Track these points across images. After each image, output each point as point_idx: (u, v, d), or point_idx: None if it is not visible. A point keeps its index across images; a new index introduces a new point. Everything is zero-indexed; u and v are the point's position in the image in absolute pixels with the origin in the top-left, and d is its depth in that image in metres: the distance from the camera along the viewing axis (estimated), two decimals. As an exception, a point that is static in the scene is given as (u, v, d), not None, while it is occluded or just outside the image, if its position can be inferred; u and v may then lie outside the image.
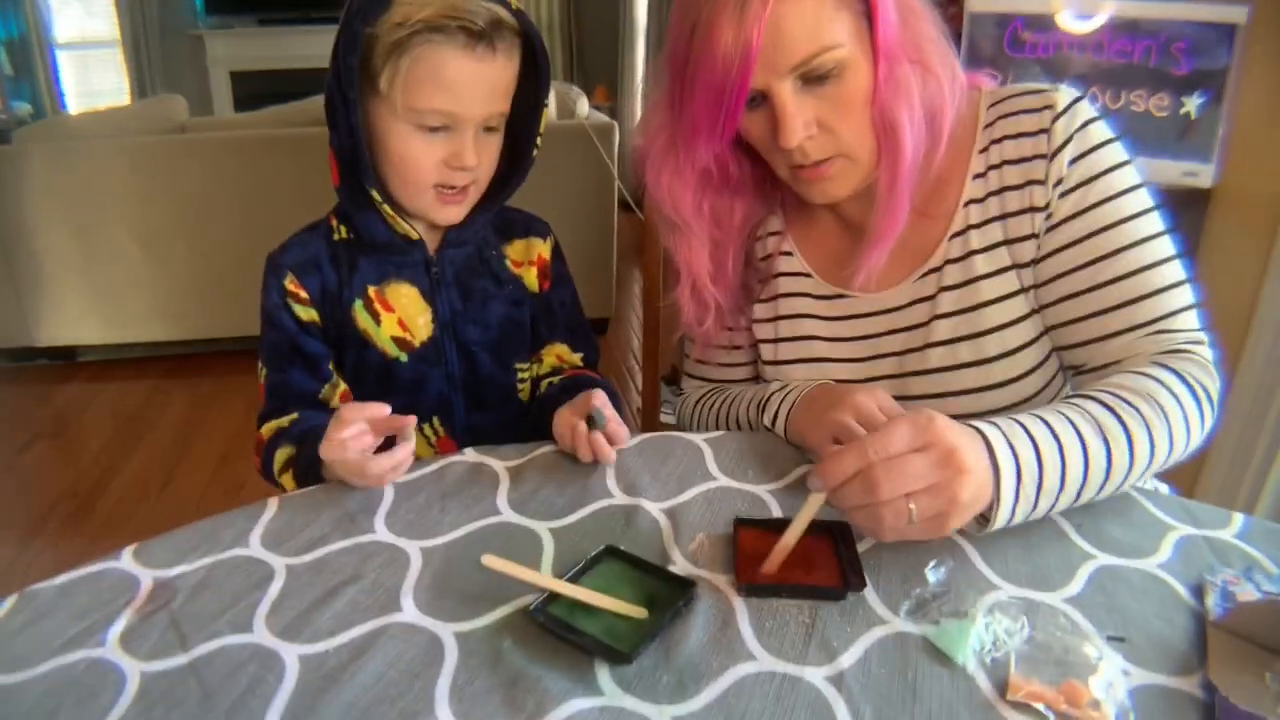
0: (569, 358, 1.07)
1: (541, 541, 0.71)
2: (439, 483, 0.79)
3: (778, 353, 1.00)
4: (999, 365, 0.87)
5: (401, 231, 0.93)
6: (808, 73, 0.79)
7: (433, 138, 0.87)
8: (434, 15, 0.81)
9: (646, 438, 0.88)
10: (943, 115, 0.84)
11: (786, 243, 1.01)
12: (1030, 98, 0.86)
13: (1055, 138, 0.83)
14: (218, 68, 6.88)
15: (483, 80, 0.85)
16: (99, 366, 3.52)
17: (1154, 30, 1.49)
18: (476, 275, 1.00)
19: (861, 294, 0.95)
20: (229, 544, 0.71)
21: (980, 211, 0.88)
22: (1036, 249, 0.86)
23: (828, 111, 0.81)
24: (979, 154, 0.88)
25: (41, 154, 3.17)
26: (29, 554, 2.24)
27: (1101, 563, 0.69)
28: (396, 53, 0.83)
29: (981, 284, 0.87)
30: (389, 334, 0.96)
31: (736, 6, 0.76)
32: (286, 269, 0.94)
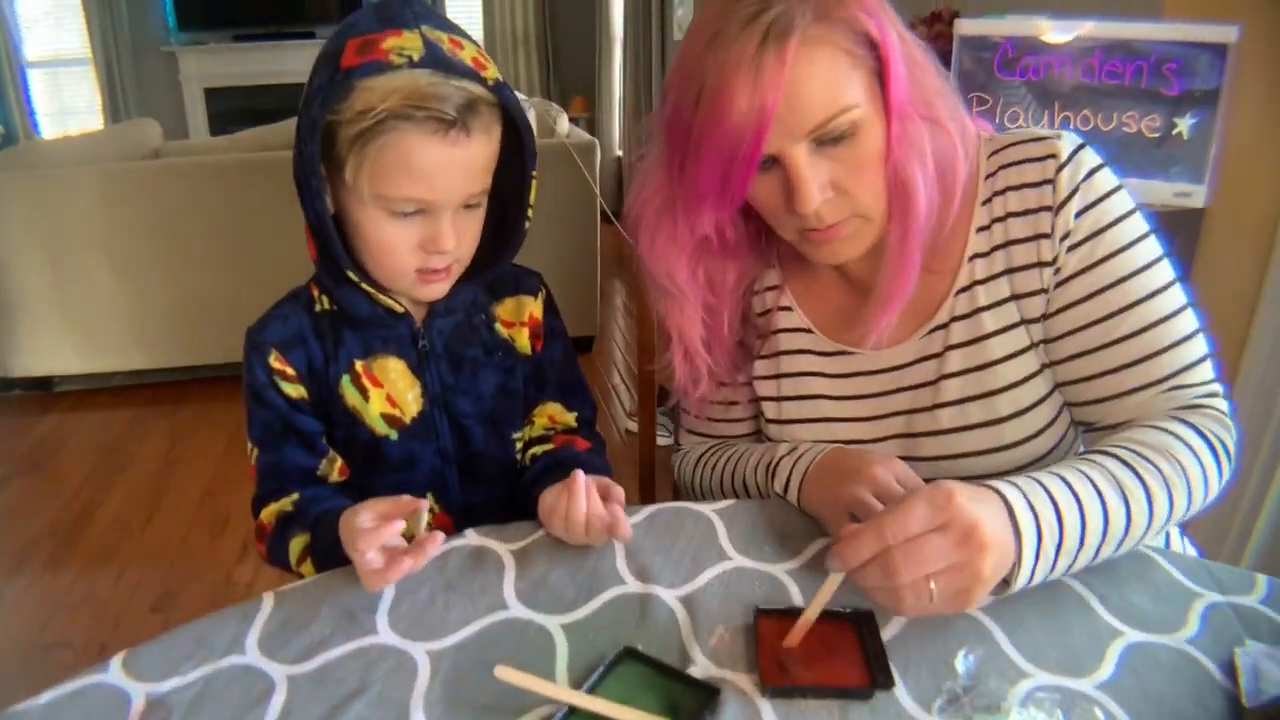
0: (562, 418, 1.03)
1: (554, 641, 0.67)
2: (441, 572, 0.76)
3: (782, 411, 0.96)
4: (1011, 425, 0.85)
5: (385, 305, 0.89)
6: (823, 135, 0.75)
7: (407, 222, 0.81)
8: (399, 104, 0.75)
9: (655, 510, 0.85)
10: (955, 170, 0.81)
11: (785, 297, 0.97)
12: (1032, 145, 0.84)
13: (1060, 189, 0.81)
14: (191, 85, 6.83)
15: (457, 165, 0.79)
16: (77, 396, 3.46)
17: (1145, 51, 1.47)
18: (466, 344, 0.95)
19: (865, 351, 0.92)
20: (224, 650, 0.67)
21: (986, 266, 0.86)
22: (1046, 304, 0.84)
23: (842, 173, 0.78)
24: (981, 205, 0.86)
25: (12, 181, 3.11)
26: (10, 596, 2.19)
27: (1130, 640, 0.67)
28: (360, 142, 0.76)
29: (991, 341, 0.85)
30: (378, 411, 0.92)
31: (750, 69, 0.72)
32: (270, 346, 0.88)
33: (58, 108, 6.84)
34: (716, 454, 1.03)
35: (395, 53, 0.75)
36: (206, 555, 2.33)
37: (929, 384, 0.88)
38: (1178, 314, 0.80)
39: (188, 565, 2.30)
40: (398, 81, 0.75)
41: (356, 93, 0.75)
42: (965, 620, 0.69)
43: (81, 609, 2.13)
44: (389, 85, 0.74)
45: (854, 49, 0.75)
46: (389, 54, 0.75)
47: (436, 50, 0.77)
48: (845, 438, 0.92)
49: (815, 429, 0.94)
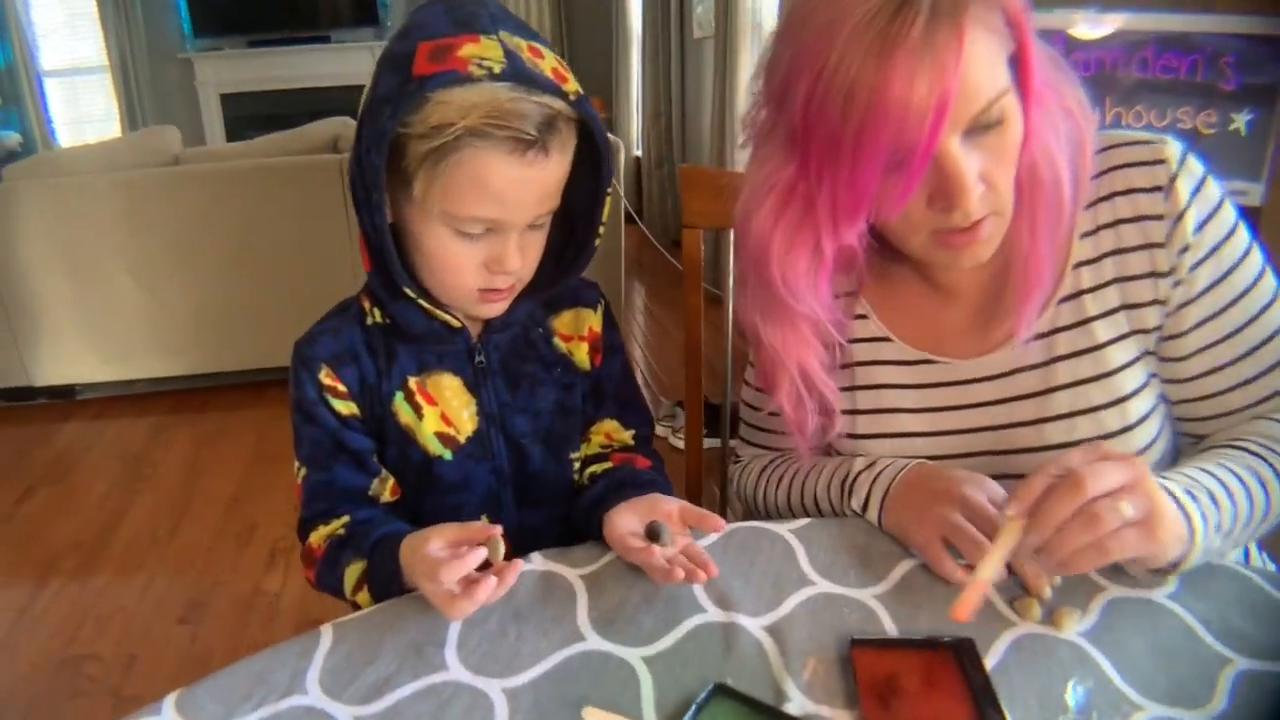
0: (618, 435, 0.98)
1: (638, 675, 0.63)
2: (509, 601, 0.71)
3: (856, 425, 0.91)
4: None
5: (440, 320, 0.84)
6: (977, 123, 0.69)
7: (473, 241, 0.77)
8: (478, 121, 0.69)
9: (730, 531, 0.80)
10: (1085, 158, 0.77)
11: (860, 305, 0.92)
12: (1139, 149, 0.79)
13: (1178, 199, 0.76)
14: (207, 90, 6.86)
15: (532, 185, 0.75)
16: (100, 404, 3.47)
17: (1201, 45, 1.43)
18: (523, 360, 0.90)
19: (952, 360, 0.87)
20: (284, 690, 0.63)
21: (1093, 274, 0.81)
22: (1162, 316, 0.80)
23: (990, 164, 0.71)
24: (1086, 210, 0.81)
25: (33, 190, 3.11)
26: (38, 607, 2.17)
27: (1240, 668, 0.64)
28: (433, 158, 0.72)
29: (1106, 352, 0.80)
30: (432, 430, 0.87)
31: (923, 55, 0.64)
32: (320, 361, 0.84)
33: (75, 116, 6.89)
34: (780, 468, 0.98)
35: (474, 63, 0.69)
36: (233, 565, 2.32)
37: (1030, 396, 0.83)
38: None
39: (215, 575, 2.28)
40: (477, 96, 0.69)
41: (431, 105, 0.70)
42: (1068, 648, 0.65)
43: (109, 620, 2.11)
44: (468, 100, 0.69)
45: (1000, 27, 0.68)
46: (468, 64, 0.69)
47: (517, 61, 0.71)
48: (925, 453, 0.87)
49: (893, 444, 0.89)
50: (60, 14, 6.58)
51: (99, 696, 1.85)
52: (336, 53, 6.91)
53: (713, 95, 4.41)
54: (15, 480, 2.86)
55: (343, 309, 0.90)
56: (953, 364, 0.87)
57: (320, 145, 3.34)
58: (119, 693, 1.86)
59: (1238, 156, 1.46)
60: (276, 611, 2.11)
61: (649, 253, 5.58)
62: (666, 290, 4.85)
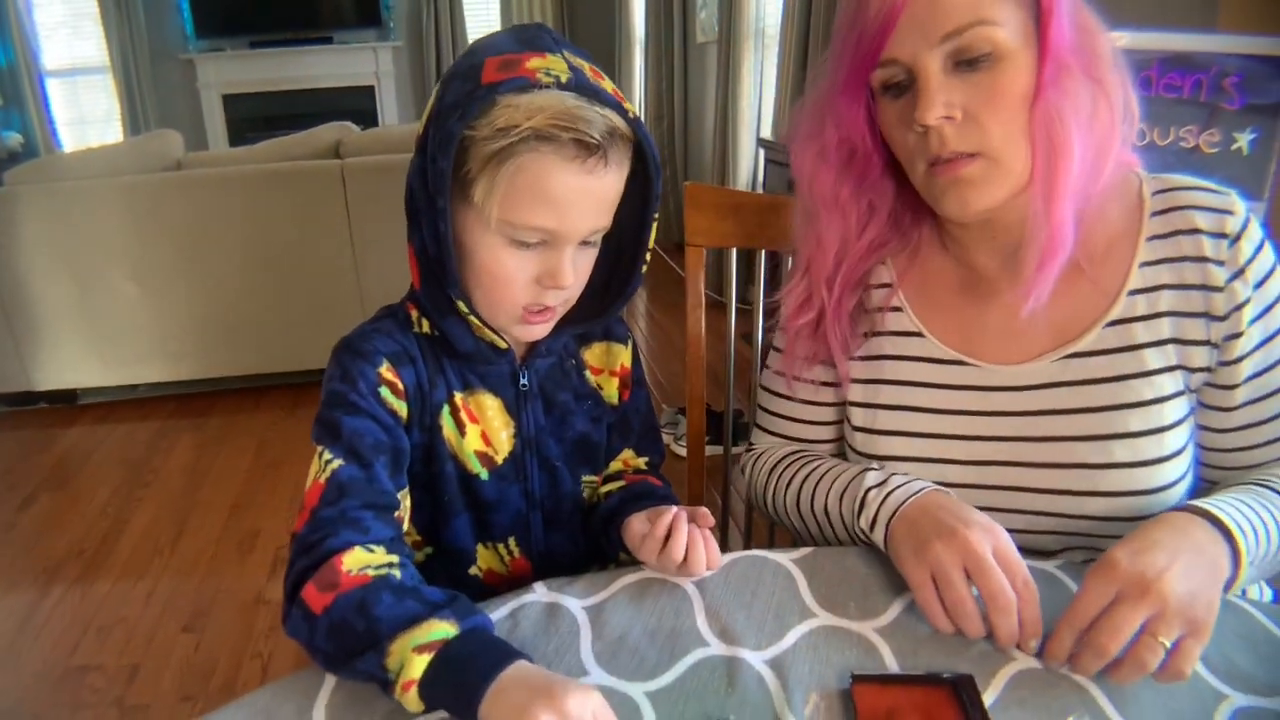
0: (633, 462, 1.00)
1: (641, 711, 0.64)
2: (513, 632, 0.72)
3: (875, 420, 0.92)
4: (1155, 469, 0.82)
5: (489, 340, 0.84)
6: (958, 50, 0.75)
7: (527, 253, 0.77)
8: (545, 123, 0.70)
9: (731, 560, 0.81)
10: (1109, 147, 0.78)
11: (896, 298, 0.94)
12: (1210, 196, 0.81)
13: (1241, 252, 0.79)
14: (209, 91, 6.90)
15: (591, 196, 0.75)
16: (102, 409, 3.48)
17: (1205, 64, 1.44)
18: (559, 388, 0.91)
19: (986, 364, 0.88)
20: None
21: (1148, 304, 0.82)
22: (1211, 359, 0.82)
23: (977, 101, 0.76)
24: (1147, 242, 0.83)
25: (36, 195, 3.13)
26: (40, 616, 2.18)
27: (1237, 704, 0.64)
28: (496, 160, 0.72)
29: (1152, 380, 0.82)
30: (472, 448, 0.86)
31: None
32: (381, 355, 0.81)
33: (76, 116, 6.90)
34: (793, 467, 0.97)
35: (542, 72, 0.72)
36: (236, 573, 2.32)
37: (1064, 413, 0.84)
38: None
39: (218, 583, 2.29)
40: (544, 100, 0.71)
41: (499, 108, 0.71)
42: (1067, 683, 0.66)
43: (112, 629, 2.12)
44: (535, 103, 0.71)
45: None
46: (535, 73, 0.72)
47: (582, 75, 0.73)
48: (943, 456, 0.88)
49: (908, 442, 0.90)
50: (62, 13, 6.61)
51: (102, 708, 1.86)
52: (339, 54, 6.94)
53: (715, 99, 4.43)
54: (17, 486, 2.87)
55: (389, 314, 0.88)
56: (985, 368, 0.88)
57: (323, 150, 3.35)
58: (122, 703, 1.87)
59: (1241, 175, 1.46)
60: (279, 621, 2.11)
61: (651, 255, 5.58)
62: (668, 294, 4.85)
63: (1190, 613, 0.63)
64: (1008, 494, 0.85)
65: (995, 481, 0.86)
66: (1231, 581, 0.69)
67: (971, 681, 0.64)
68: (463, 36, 7.05)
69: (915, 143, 0.80)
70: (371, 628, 0.64)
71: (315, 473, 0.76)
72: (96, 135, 6.90)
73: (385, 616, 0.64)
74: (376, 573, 0.69)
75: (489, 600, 0.76)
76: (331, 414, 0.78)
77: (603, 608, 0.75)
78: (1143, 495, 0.81)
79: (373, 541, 0.73)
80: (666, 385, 3.53)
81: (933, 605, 0.71)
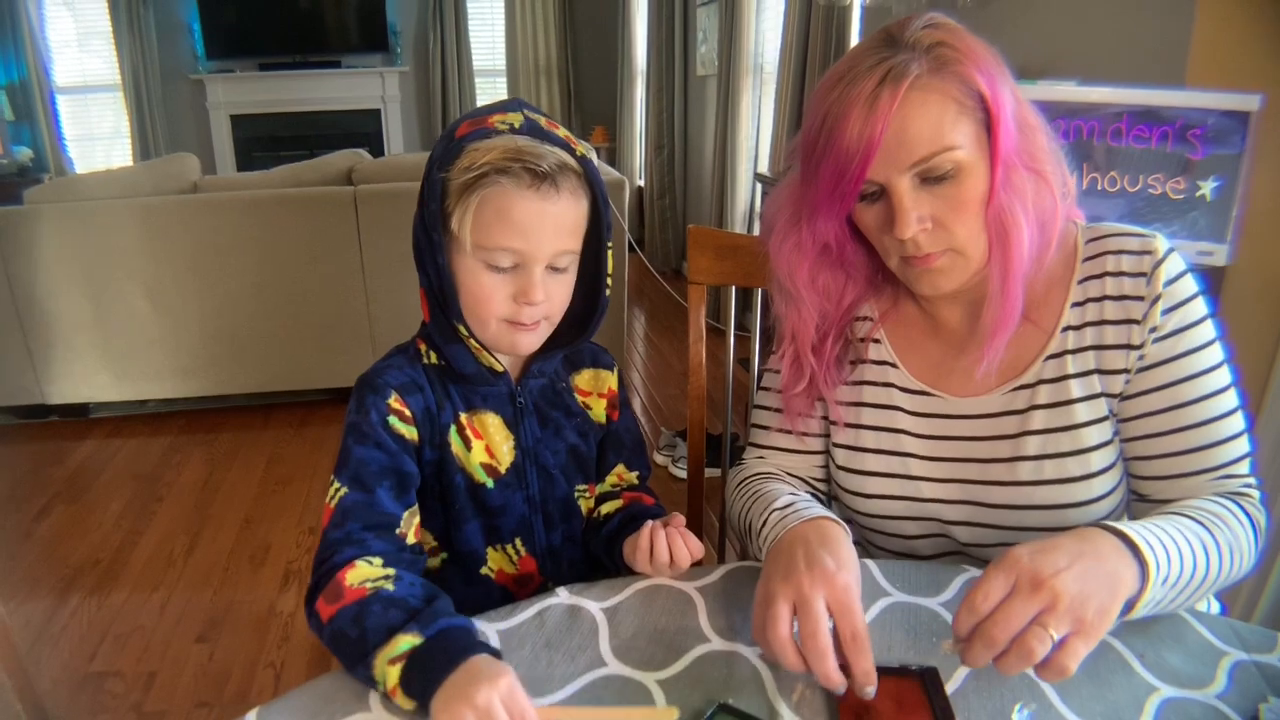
0: (626, 476, 1.13)
1: (653, 696, 0.74)
2: (540, 630, 0.82)
3: (860, 439, 1.04)
4: (1080, 485, 0.92)
5: (487, 364, 0.96)
6: (926, 171, 0.86)
7: (502, 275, 0.90)
8: (499, 158, 0.86)
9: (728, 570, 0.92)
10: (1053, 224, 0.91)
11: (877, 331, 1.06)
12: (1133, 239, 0.93)
13: (1156, 284, 0.90)
14: (218, 111, 6.98)
15: (548, 218, 0.89)
16: (113, 423, 3.55)
17: (1171, 118, 1.54)
18: (552, 406, 1.05)
19: (948, 396, 1.00)
20: (351, 705, 0.73)
21: (1076, 339, 0.94)
22: (1126, 384, 0.92)
23: (943, 209, 0.87)
24: (1078, 284, 0.94)
25: (54, 213, 3.23)
26: (57, 624, 2.25)
27: (1166, 695, 0.74)
28: (465, 194, 0.87)
29: (1076, 407, 0.93)
30: (478, 460, 0.99)
31: (867, 102, 0.83)
32: (391, 388, 0.94)
33: (85, 132, 6.97)
34: (752, 485, 1.06)
35: (499, 122, 0.89)
36: (249, 585, 2.40)
37: (1009, 437, 0.96)
38: (1233, 413, 0.90)
39: (230, 595, 2.36)
40: (500, 141, 0.87)
41: (466, 153, 0.87)
42: (1019, 678, 0.75)
43: (129, 638, 2.19)
44: (493, 145, 0.87)
45: (964, 99, 0.84)
46: (494, 122, 0.89)
47: (534, 123, 0.90)
48: (919, 474, 1.00)
49: (890, 461, 1.01)
50: (74, 30, 6.69)
51: (121, 712, 1.93)
52: (346, 77, 7.04)
53: (714, 130, 4.53)
54: (33, 497, 2.95)
55: (401, 350, 1.01)
56: (947, 399, 1.00)
57: (335, 177, 3.45)
58: (140, 709, 1.94)
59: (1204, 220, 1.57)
60: (292, 631, 2.20)
61: (650, 282, 5.68)
62: (666, 318, 4.95)
63: (1080, 612, 0.67)
64: (968, 508, 0.98)
65: (957, 497, 0.98)
66: (1137, 597, 0.73)
67: (936, 674, 0.74)
68: (468, 63, 7.18)
69: (890, 243, 0.92)
70: (362, 637, 0.75)
71: (328, 498, 0.89)
72: (104, 152, 6.99)
73: (372, 627, 0.75)
74: (374, 585, 0.80)
75: (517, 604, 0.87)
76: (346, 443, 0.92)
77: (618, 609, 0.86)
78: (1070, 509, 0.93)
79: (373, 555, 0.85)
80: (664, 409, 3.62)
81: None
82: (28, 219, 3.20)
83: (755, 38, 4.19)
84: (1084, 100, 1.60)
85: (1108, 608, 0.69)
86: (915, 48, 0.84)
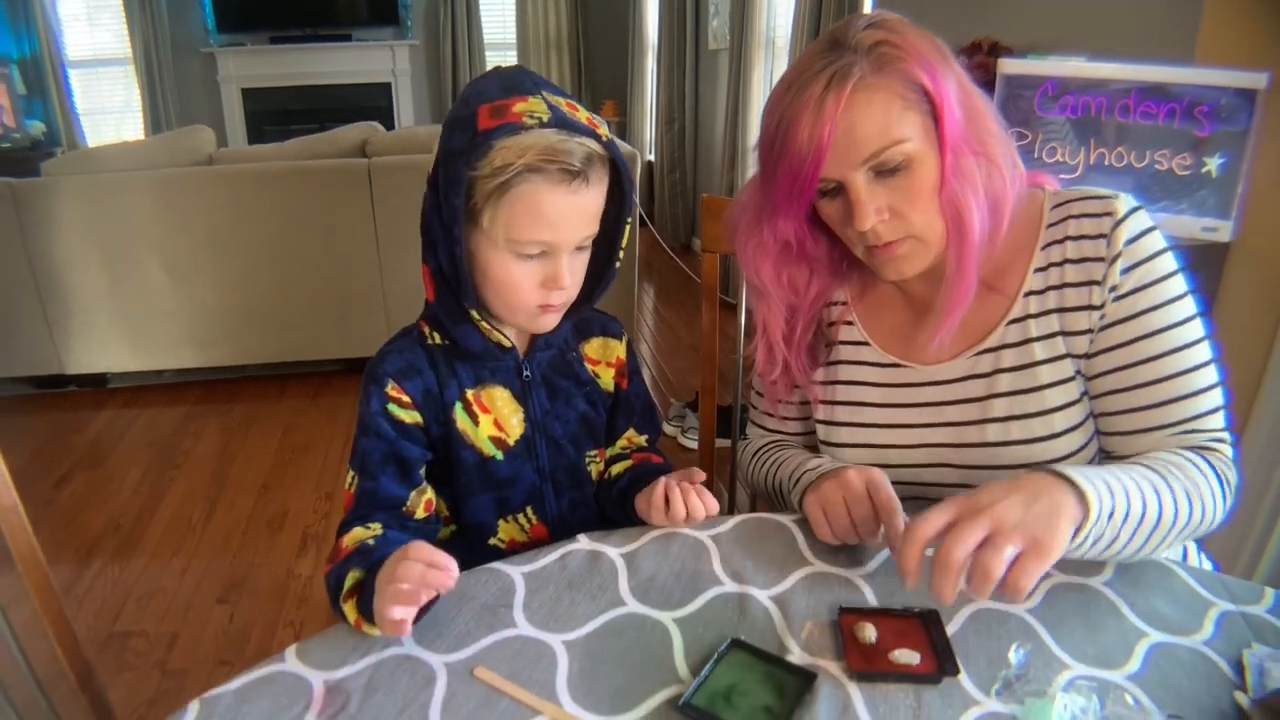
0: (635, 439, 1.17)
1: (670, 633, 0.78)
2: (563, 572, 0.87)
3: (833, 414, 1.09)
4: (1046, 445, 0.96)
5: (495, 340, 0.99)
6: (878, 165, 0.89)
7: (530, 263, 0.92)
8: (534, 159, 0.86)
9: (741, 520, 0.96)
10: (1004, 202, 0.94)
11: (850, 314, 1.10)
12: (1093, 203, 0.95)
13: (1114, 244, 0.92)
14: (229, 85, 6.99)
15: (577, 211, 0.90)
16: (130, 393, 3.60)
17: (1179, 94, 1.57)
18: (560, 375, 1.07)
19: (917, 365, 1.04)
20: (385, 641, 0.77)
21: (1039, 303, 0.97)
22: (1090, 343, 0.95)
23: (898, 199, 0.91)
24: (1041, 250, 0.97)
25: (73, 186, 3.26)
26: (81, 586, 2.31)
27: (1155, 640, 0.78)
28: (497, 193, 0.87)
29: (1039, 369, 0.96)
30: (486, 434, 1.02)
31: (815, 106, 0.87)
32: (388, 377, 0.97)
33: (96, 106, 6.97)
34: (768, 454, 1.15)
35: (526, 115, 0.86)
36: (267, 550, 2.45)
37: (976, 400, 1.00)
38: (1201, 368, 0.92)
39: (249, 559, 2.41)
40: (531, 139, 0.86)
41: (495, 151, 0.86)
42: (1015, 620, 0.80)
43: (150, 599, 2.25)
44: (524, 143, 0.86)
45: (908, 94, 0.88)
46: (521, 116, 0.86)
47: (559, 112, 0.88)
48: (886, 442, 1.05)
49: (856, 432, 1.07)
50: (83, 4, 6.69)
51: (145, 669, 1.99)
52: (356, 51, 7.05)
53: (726, 104, 4.53)
54: (53, 465, 3.00)
55: (405, 333, 1.03)
56: (917, 369, 1.04)
57: (349, 149, 3.48)
58: (164, 666, 1.99)
59: (1209, 196, 1.59)
60: (310, 593, 2.25)
61: (660, 255, 5.70)
62: (676, 292, 4.98)
63: (1029, 530, 0.71)
64: (937, 470, 1.03)
65: (926, 460, 1.03)
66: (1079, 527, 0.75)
67: (937, 615, 0.79)
68: (478, 36, 7.17)
69: (853, 234, 0.96)
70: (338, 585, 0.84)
71: (346, 485, 0.99)
72: (114, 125, 7.01)
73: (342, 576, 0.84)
74: (359, 542, 0.91)
75: (541, 548, 0.92)
76: (355, 435, 0.99)
77: (636, 554, 0.90)
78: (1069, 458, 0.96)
79: (373, 523, 0.95)
80: (674, 380, 3.66)
81: (820, 526, 0.91)
82: (45, 191, 3.23)
83: (767, 11, 4.19)
84: (1093, 76, 1.63)
85: (1055, 527, 0.72)
86: (858, 49, 0.87)
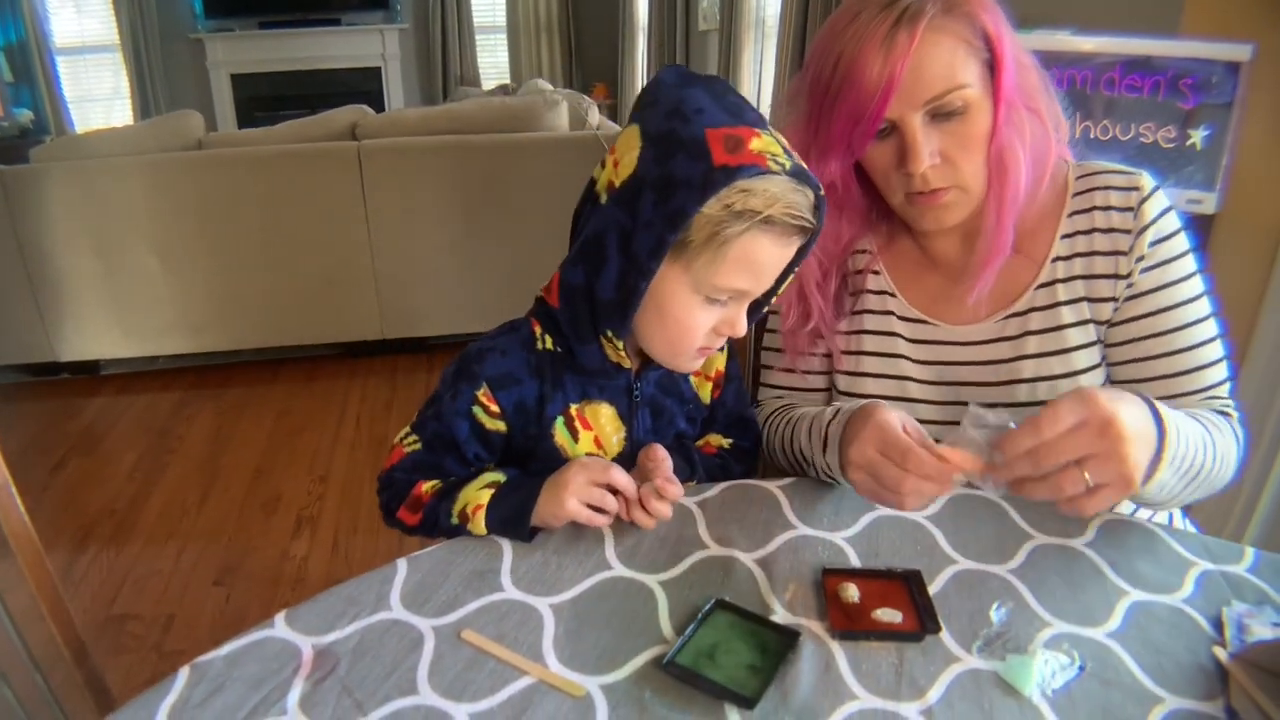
0: (716, 440, 1.11)
1: (655, 595, 0.79)
2: (549, 538, 0.88)
3: (860, 364, 1.09)
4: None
5: (615, 360, 0.92)
6: (937, 108, 0.90)
7: (715, 307, 0.86)
8: (780, 212, 0.79)
9: (727, 486, 0.97)
10: (1046, 160, 0.96)
11: (876, 263, 1.10)
12: (1120, 176, 0.98)
13: (1143, 217, 0.95)
14: (218, 70, 6.97)
15: (782, 262, 0.85)
16: (123, 379, 3.60)
17: (1163, 67, 1.57)
18: (666, 394, 1.02)
19: (942, 324, 1.05)
20: (373, 607, 0.78)
21: (1066, 269, 0.99)
22: (1114, 311, 0.98)
23: (951, 145, 0.92)
24: (1068, 218, 1.00)
25: (62, 172, 3.24)
26: (78, 570, 2.32)
27: (1135, 599, 0.79)
28: (724, 238, 0.79)
29: (1067, 332, 0.99)
30: (585, 450, 0.97)
31: (884, 42, 0.87)
32: (483, 380, 0.93)
33: (83, 93, 6.94)
34: (783, 415, 1.12)
35: (771, 160, 0.78)
36: (261, 533, 2.46)
37: (1004, 361, 1.02)
38: (1214, 340, 0.96)
39: (244, 542, 2.42)
40: (776, 189, 0.79)
41: (734, 191, 0.77)
42: (997, 580, 0.81)
43: (146, 582, 2.26)
44: (770, 192, 0.78)
45: (972, 40, 0.89)
46: (764, 159, 0.77)
47: (793, 157, 0.81)
48: (918, 397, 1.06)
49: (888, 384, 1.07)
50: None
51: (142, 652, 2.00)
52: (346, 36, 7.02)
53: (715, 87, 4.51)
54: (48, 452, 3.00)
55: (512, 329, 0.97)
56: (943, 327, 1.05)
57: (339, 132, 3.46)
58: (161, 649, 2.01)
59: (1194, 169, 1.60)
60: (305, 574, 2.27)
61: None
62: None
63: (1123, 469, 0.72)
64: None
65: (956, 419, 1.01)
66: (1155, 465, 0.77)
67: (919, 575, 0.80)
68: (468, 19, 7.14)
69: (898, 179, 0.95)
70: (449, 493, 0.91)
71: (401, 438, 1.00)
72: (103, 113, 6.98)
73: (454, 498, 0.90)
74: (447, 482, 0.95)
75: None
76: (431, 408, 0.98)
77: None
78: None
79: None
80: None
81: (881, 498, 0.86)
82: (35, 178, 3.22)
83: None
84: (1078, 49, 1.63)
85: (1142, 464, 0.74)
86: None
